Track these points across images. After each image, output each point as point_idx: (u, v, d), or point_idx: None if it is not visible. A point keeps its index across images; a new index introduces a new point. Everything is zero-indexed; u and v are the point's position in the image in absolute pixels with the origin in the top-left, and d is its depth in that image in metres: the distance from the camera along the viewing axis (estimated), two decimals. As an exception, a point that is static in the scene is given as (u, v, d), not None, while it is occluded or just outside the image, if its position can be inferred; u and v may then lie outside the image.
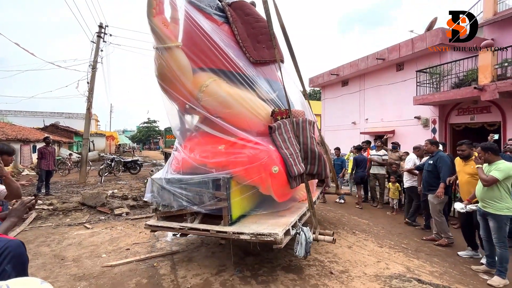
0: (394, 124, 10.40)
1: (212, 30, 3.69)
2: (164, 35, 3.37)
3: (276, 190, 3.24)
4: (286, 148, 3.40)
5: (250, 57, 3.97)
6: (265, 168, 3.12)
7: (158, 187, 3.45)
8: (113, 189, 8.50)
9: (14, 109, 29.26)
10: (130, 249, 4.08)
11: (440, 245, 4.28)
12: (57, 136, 20.44)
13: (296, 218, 3.32)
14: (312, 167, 3.59)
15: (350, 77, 12.58)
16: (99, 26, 10.31)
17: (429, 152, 4.67)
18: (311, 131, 3.71)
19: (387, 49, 10.18)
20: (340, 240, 4.46)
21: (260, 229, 2.90)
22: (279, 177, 3.18)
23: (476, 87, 6.67)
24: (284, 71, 4.51)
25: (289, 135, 3.56)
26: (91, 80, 9.90)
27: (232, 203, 3.09)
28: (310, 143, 3.59)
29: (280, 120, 3.66)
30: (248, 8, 4.38)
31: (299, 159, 3.42)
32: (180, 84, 3.59)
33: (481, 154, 3.34)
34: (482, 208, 3.31)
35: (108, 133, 34.47)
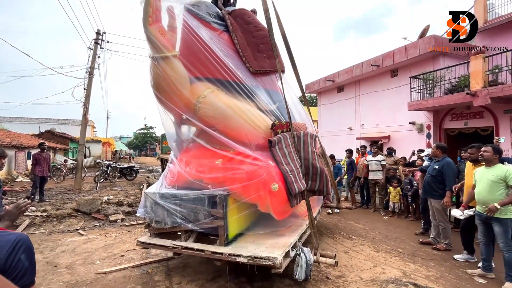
0: (390, 130, 10.50)
1: (210, 39, 3.59)
2: (161, 44, 3.23)
3: (275, 208, 3.06)
4: (287, 164, 3.23)
5: (250, 67, 3.84)
6: (264, 186, 2.94)
7: (152, 202, 3.29)
8: (108, 195, 8.42)
9: (9, 116, 29.07)
10: (124, 256, 4.03)
11: (437, 250, 4.28)
12: (52, 143, 20.28)
13: (296, 237, 3.15)
14: (313, 183, 3.45)
15: (345, 83, 12.74)
16: (97, 33, 10.38)
17: (434, 156, 4.55)
18: (312, 146, 3.58)
19: (381, 55, 10.36)
20: (337, 245, 4.46)
21: (258, 251, 2.72)
22: (279, 195, 3.01)
23: (469, 92, 6.79)
24: (286, 82, 4.47)
25: (290, 149, 3.40)
26: (87, 86, 9.90)
27: (229, 221, 2.93)
28: (311, 158, 3.45)
29: (281, 134, 3.50)
30: (248, 17, 4.28)
31: (300, 175, 3.27)
32: (176, 95, 3.45)
33: (489, 154, 3.24)
34: (483, 213, 3.23)
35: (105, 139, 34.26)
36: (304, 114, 4.59)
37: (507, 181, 3.07)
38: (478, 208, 3.35)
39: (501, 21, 8.28)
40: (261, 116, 3.65)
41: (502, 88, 6.27)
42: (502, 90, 6.25)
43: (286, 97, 4.32)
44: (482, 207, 3.29)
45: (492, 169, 3.24)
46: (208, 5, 4.02)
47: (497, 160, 3.28)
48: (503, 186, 3.12)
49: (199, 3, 3.85)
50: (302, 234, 3.43)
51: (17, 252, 0.97)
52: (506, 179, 3.07)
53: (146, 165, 25.25)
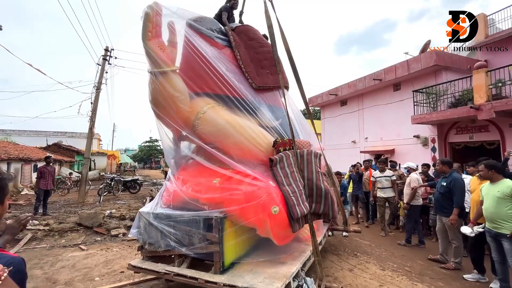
0: (394, 143, 10.42)
1: (212, 55, 3.57)
2: (159, 59, 3.21)
3: (275, 233, 2.83)
4: (288, 185, 3.04)
5: (253, 82, 3.80)
6: (264, 208, 2.73)
7: (145, 222, 3.12)
8: (111, 209, 8.39)
9: (18, 129, 29.75)
10: (124, 272, 3.96)
11: (446, 269, 4.13)
12: (59, 155, 20.55)
13: (298, 266, 2.90)
14: (318, 205, 3.19)
15: (348, 97, 12.82)
16: (105, 49, 10.75)
17: (440, 172, 4.42)
18: (317, 165, 3.35)
19: (383, 70, 10.46)
20: (341, 263, 4.33)
21: (255, 282, 2.52)
22: (280, 218, 2.78)
23: (472, 106, 6.77)
24: (290, 98, 4.37)
25: (292, 169, 3.19)
26: (94, 101, 10.15)
27: (225, 247, 2.71)
28: (315, 179, 3.21)
29: (283, 152, 3.32)
30: (252, 33, 4.29)
31: (302, 197, 3.06)
32: (174, 111, 3.37)
33: (484, 172, 3.27)
34: (493, 230, 3.15)
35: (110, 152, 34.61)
36: (310, 130, 4.53)
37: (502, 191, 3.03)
38: (488, 225, 3.26)
39: (502, 36, 8.36)
40: (263, 133, 3.52)
41: (506, 101, 6.23)
42: (506, 104, 6.22)
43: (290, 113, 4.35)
44: (490, 224, 3.20)
45: (497, 185, 3.18)
46: (211, 21, 4.05)
47: (497, 175, 3.21)
48: (510, 202, 3.04)
49: (202, 19, 3.87)
50: (305, 262, 3.15)
51: None
52: None
53: (150, 178, 25.27)
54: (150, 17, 3.17)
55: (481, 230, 3.37)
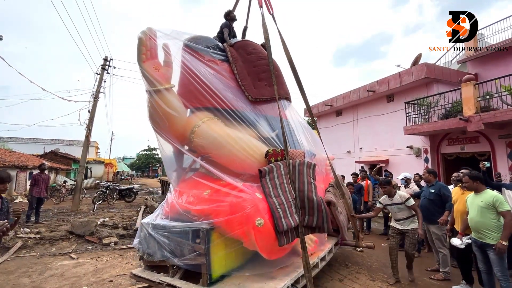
0: (388, 153, 10.53)
1: (205, 71, 3.72)
2: (153, 79, 3.37)
3: (261, 246, 2.77)
4: (276, 196, 3.00)
5: (249, 95, 3.92)
6: (248, 220, 2.70)
7: (145, 233, 3.21)
8: (104, 217, 8.35)
9: (16, 136, 29.68)
10: (113, 281, 3.94)
11: (436, 280, 4.12)
12: (55, 163, 20.48)
13: (288, 282, 2.80)
14: (310, 218, 3.07)
15: (343, 107, 13.01)
16: (104, 59, 10.94)
17: (426, 181, 4.55)
18: (309, 176, 3.27)
19: (376, 82, 10.68)
20: (332, 273, 4.33)
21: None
22: (265, 231, 2.73)
23: (462, 118, 6.91)
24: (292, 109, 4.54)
25: (282, 180, 3.15)
26: (92, 109, 10.25)
27: (212, 259, 2.70)
28: (307, 190, 3.11)
29: (274, 163, 3.32)
30: (251, 47, 4.44)
31: (291, 209, 2.97)
32: (169, 126, 3.50)
33: (469, 183, 3.31)
34: (478, 240, 3.18)
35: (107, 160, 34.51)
36: (318, 140, 4.58)
37: (496, 207, 3.05)
38: (473, 235, 3.29)
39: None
40: (255, 144, 3.57)
41: (494, 114, 6.38)
42: (494, 116, 6.36)
43: (292, 123, 4.46)
44: (476, 234, 3.23)
45: (480, 195, 3.23)
46: (206, 39, 4.22)
47: (481, 185, 3.26)
48: (493, 212, 3.08)
49: (197, 38, 4.08)
50: (299, 278, 3.03)
51: None
52: (495, 205, 3.06)
53: (146, 187, 25.11)
54: (144, 41, 3.39)
55: (469, 241, 3.37)
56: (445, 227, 4.13)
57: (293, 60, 3.88)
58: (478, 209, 3.19)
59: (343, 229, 4.12)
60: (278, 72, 4.52)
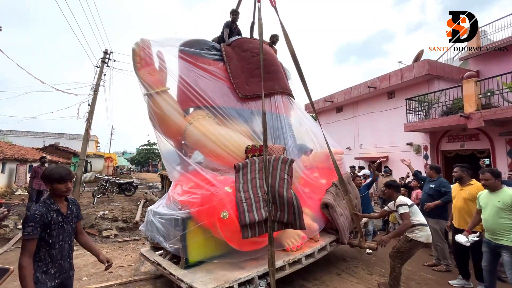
0: (388, 150, 10.54)
1: (196, 73, 4.00)
2: (147, 84, 3.71)
3: (228, 237, 2.93)
4: (245, 191, 3.07)
5: (239, 93, 4.11)
6: (214, 212, 2.90)
7: (149, 218, 3.53)
8: (104, 210, 8.39)
9: (16, 129, 29.65)
10: (113, 272, 3.97)
11: (438, 271, 4.25)
12: (55, 157, 20.48)
13: (254, 274, 2.90)
14: (282, 214, 3.09)
15: (344, 104, 12.97)
16: (104, 52, 10.86)
17: (430, 176, 4.58)
18: (283, 171, 3.25)
19: (377, 78, 10.64)
20: (330, 267, 4.36)
21: (197, 280, 2.69)
22: (230, 223, 2.88)
23: (462, 115, 6.90)
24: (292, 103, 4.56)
25: (255, 175, 3.22)
26: (92, 102, 10.20)
27: (189, 245, 2.93)
28: (278, 186, 3.11)
29: (250, 158, 3.42)
30: (247, 44, 4.54)
31: (258, 204, 3.02)
32: (164, 126, 3.78)
33: (491, 181, 3.03)
34: (493, 241, 2.98)
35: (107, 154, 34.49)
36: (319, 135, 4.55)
37: None
38: (487, 236, 3.09)
39: (493, 47, 8.56)
40: (237, 141, 3.70)
41: (495, 111, 6.37)
42: (494, 113, 6.35)
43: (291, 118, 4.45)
44: (490, 235, 3.03)
45: (497, 195, 3.01)
46: (200, 42, 4.42)
47: (500, 184, 3.07)
48: (511, 213, 2.89)
49: (191, 42, 4.30)
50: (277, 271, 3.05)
51: None
52: None
53: (146, 181, 25.19)
54: (136, 52, 3.73)
55: (476, 239, 3.23)
56: (445, 222, 4.17)
57: (295, 52, 3.88)
58: (494, 210, 2.98)
59: (342, 232, 3.99)
60: (274, 67, 4.50)
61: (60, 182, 1.86)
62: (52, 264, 1.78)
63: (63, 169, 1.92)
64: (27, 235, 1.67)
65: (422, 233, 3.32)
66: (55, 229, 1.79)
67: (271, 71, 4.35)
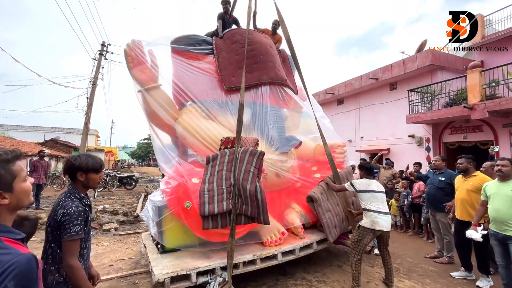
0: (389, 142, 10.45)
1: (181, 68, 4.08)
2: (139, 82, 3.85)
3: (192, 226, 3.02)
4: (210, 183, 3.06)
5: (224, 85, 4.11)
6: (178, 202, 3.04)
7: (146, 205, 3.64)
8: (105, 204, 8.39)
9: (16, 124, 29.62)
10: (113, 266, 3.96)
11: (440, 263, 4.23)
12: (55, 151, 20.48)
13: (215, 264, 2.91)
14: (246, 207, 3.02)
15: (345, 96, 12.83)
16: (102, 44, 10.68)
17: (438, 168, 4.44)
18: (250, 164, 3.15)
19: (380, 69, 10.47)
20: (331, 259, 4.34)
21: (159, 266, 2.85)
22: (192, 213, 2.94)
23: (466, 106, 6.79)
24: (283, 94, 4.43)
25: (222, 167, 3.20)
26: (90, 96, 10.08)
27: (164, 231, 3.10)
28: (242, 179, 3.03)
29: (221, 150, 3.42)
30: (237, 35, 4.46)
31: (220, 196, 2.98)
32: (157, 120, 3.89)
33: (508, 168, 2.94)
34: (500, 232, 2.88)
35: (108, 148, 34.50)
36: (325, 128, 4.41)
37: None
38: (494, 227, 2.99)
39: (498, 37, 8.37)
40: (214, 133, 3.76)
41: (500, 102, 6.25)
42: (499, 104, 6.23)
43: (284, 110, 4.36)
44: (498, 226, 2.93)
45: (510, 184, 2.90)
46: (189, 37, 4.42)
47: None
48: None
49: (180, 38, 4.35)
50: (239, 264, 3.06)
51: (3, 280, 0.81)
52: None
53: (147, 175, 25.24)
54: (128, 52, 3.88)
55: (485, 232, 3.12)
56: (449, 214, 4.11)
57: (290, 37, 3.94)
58: (507, 199, 2.86)
59: (326, 229, 3.73)
60: (264, 56, 4.36)
61: (97, 172, 1.70)
62: (81, 264, 1.58)
63: (97, 158, 1.76)
64: (76, 235, 1.49)
65: (367, 219, 3.21)
66: (87, 226, 1.64)
67: (259, 61, 4.26)
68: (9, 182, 0.97)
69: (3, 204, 0.94)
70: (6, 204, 0.95)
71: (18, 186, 0.99)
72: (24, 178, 1.03)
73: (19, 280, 0.83)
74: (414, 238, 5.64)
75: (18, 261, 0.85)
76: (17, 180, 0.99)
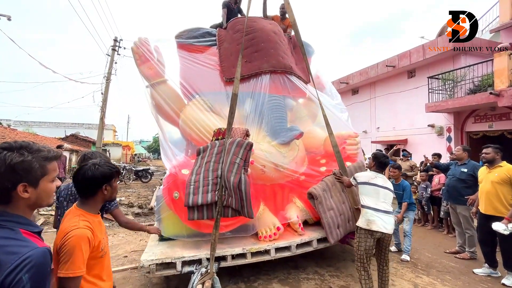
0: (407, 133, 10.02)
1: (192, 59, 4.15)
2: (146, 77, 3.96)
3: (181, 216, 3.05)
4: (197, 174, 3.06)
5: (224, 76, 4.10)
6: (167, 192, 3.10)
7: None
8: (120, 196, 8.64)
9: (39, 121, 31.06)
10: (127, 257, 4.07)
11: (461, 259, 4.05)
12: (76, 146, 21.33)
13: (201, 255, 2.92)
14: (231, 199, 2.97)
15: (360, 85, 12.37)
16: (114, 40, 10.83)
17: (459, 159, 4.21)
18: (236, 155, 3.07)
19: (397, 56, 9.96)
20: (345, 253, 4.24)
21: (150, 252, 2.99)
22: (180, 203, 2.98)
23: (492, 92, 6.32)
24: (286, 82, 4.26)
25: (210, 159, 3.18)
26: (105, 91, 10.32)
27: (162, 219, 3.19)
28: (227, 171, 2.97)
29: (212, 142, 3.42)
30: (239, 24, 4.32)
31: (206, 188, 2.95)
32: (164, 114, 3.98)
33: None
34: None
35: (125, 143, 35.55)
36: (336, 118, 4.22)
37: None
38: None
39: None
40: (208, 124, 3.78)
41: (531, 87, 5.77)
42: (530, 89, 5.76)
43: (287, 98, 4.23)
44: None
45: None
46: (192, 30, 4.43)
47: None
48: None
49: (184, 32, 4.33)
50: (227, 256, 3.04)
51: (19, 271, 0.82)
52: None
53: (163, 168, 25.83)
54: (134, 50, 3.99)
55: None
56: (472, 208, 3.87)
57: (296, 21, 3.87)
58: None
59: (327, 228, 3.44)
60: (265, 43, 4.18)
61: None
62: None
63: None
64: None
65: (362, 217, 2.85)
66: None
67: (260, 48, 4.12)
68: (37, 177, 0.97)
69: (24, 198, 0.95)
70: (26, 198, 0.95)
71: (43, 184, 1.00)
72: (52, 178, 1.04)
73: (34, 273, 0.85)
74: (433, 232, 5.41)
75: (34, 254, 0.87)
76: (46, 178, 1.00)
